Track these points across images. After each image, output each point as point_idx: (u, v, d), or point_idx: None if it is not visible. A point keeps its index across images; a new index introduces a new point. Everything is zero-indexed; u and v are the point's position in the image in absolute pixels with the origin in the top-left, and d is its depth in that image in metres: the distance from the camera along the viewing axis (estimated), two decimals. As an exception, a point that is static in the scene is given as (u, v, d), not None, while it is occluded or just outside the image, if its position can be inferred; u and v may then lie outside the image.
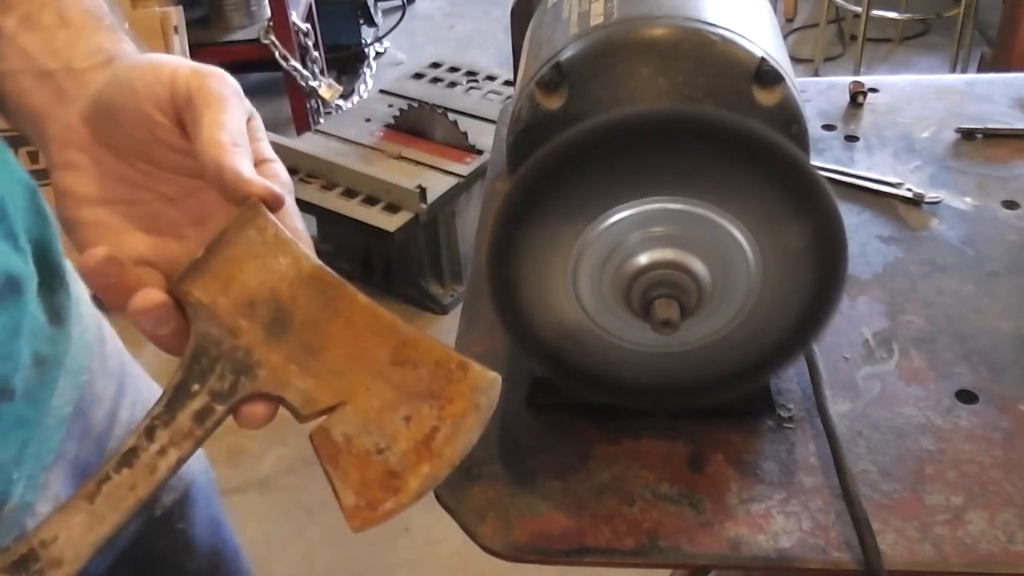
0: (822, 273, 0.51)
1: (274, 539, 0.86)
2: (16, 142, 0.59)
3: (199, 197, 0.50)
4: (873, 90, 0.95)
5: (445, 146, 2.07)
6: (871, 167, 0.85)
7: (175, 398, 0.45)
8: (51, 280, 0.58)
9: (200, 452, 0.79)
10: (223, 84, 0.48)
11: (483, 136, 2.05)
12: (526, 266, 0.52)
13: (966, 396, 0.64)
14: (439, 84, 2.31)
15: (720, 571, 0.81)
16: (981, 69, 2.51)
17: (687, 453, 0.61)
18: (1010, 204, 0.81)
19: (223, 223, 0.45)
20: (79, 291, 0.64)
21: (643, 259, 0.51)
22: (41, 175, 0.54)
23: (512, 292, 0.53)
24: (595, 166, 0.49)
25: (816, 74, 2.85)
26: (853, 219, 0.79)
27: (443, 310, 2.08)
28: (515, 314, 0.54)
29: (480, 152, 2.04)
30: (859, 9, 2.63)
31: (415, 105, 2.12)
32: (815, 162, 0.84)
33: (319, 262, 0.46)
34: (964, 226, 0.78)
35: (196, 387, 0.45)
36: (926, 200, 0.81)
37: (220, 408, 0.45)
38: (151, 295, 0.45)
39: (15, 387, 0.53)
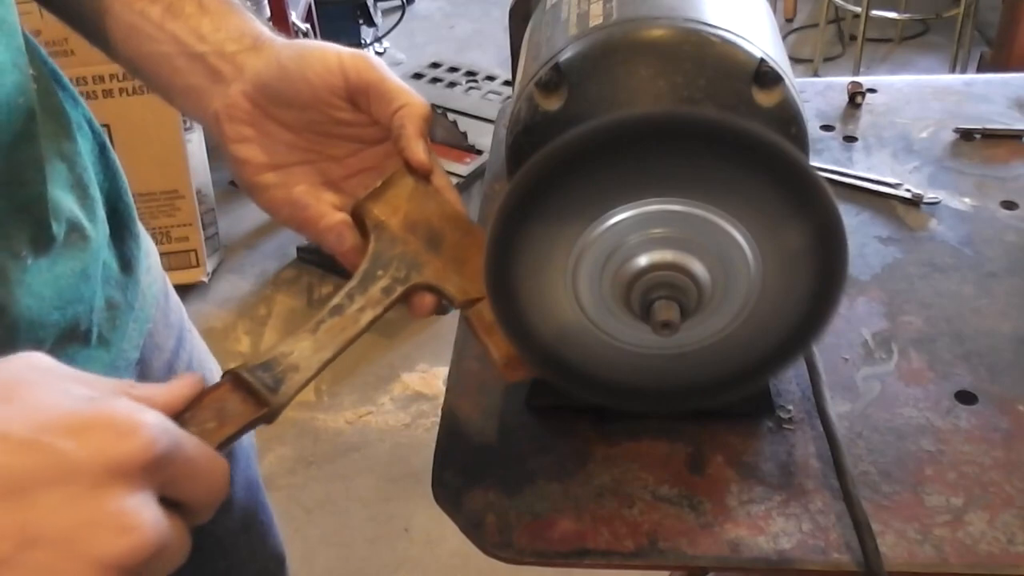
0: (822, 274, 0.51)
1: (278, 525, 0.88)
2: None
3: (360, 155, 0.61)
4: (871, 90, 0.95)
5: (445, 146, 2.07)
6: (870, 167, 0.85)
7: (365, 278, 0.56)
8: (121, 231, 0.65)
9: None
10: (380, 64, 0.58)
11: (483, 136, 2.05)
12: (525, 267, 0.52)
13: (966, 397, 0.64)
14: (439, 84, 2.31)
15: (719, 573, 0.81)
16: (980, 69, 2.51)
17: (687, 455, 0.61)
18: (1009, 204, 0.81)
19: (381, 173, 0.59)
20: (149, 245, 0.71)
21: (643, 261, 0.51)
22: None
23: (511, 293, 0.53)
24: (594, 168, 0.49)
25: (815, 74, 2.85)
26: (852, 220, 0.79)
27: (443, 310, 2.07)
28: (514, 315, 0.54)
29: (480, 152, 2.04)
30: (859, 9, 2.63)
31: (414, 105, 2.11)
32: (813, 163, 0.84)
33: (459, 208, 0.60)
34: (963, 226, 0.78)
35: (380, 272, 0.57)
36: (925, 200, 0.81)
37: (400, 288, 0.56)
38: (334, 216, 0.58)
39: (90, 329, 0.59)
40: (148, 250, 0.70)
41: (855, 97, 0.93)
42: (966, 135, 0.88)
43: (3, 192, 0.51)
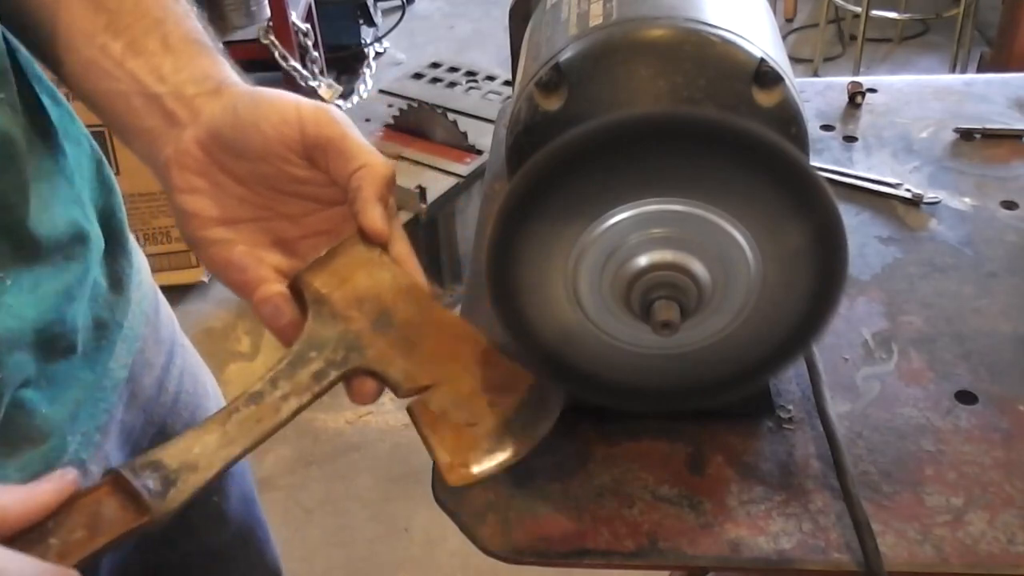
0: (822, 274, 0.51)
1: (274, 539, 0.88)
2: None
3: (316, 216, 0.56)
4: (871, 90, 0.95)
5: (445, 146, 2.07)
6: (870, 167, 0.85)
7: (295, 361, 0.51)
8: (114, 247, 0.63)
9: None
10: (342, 120, 0.54)
11: (483, 136, 2.05)
12: (526, 267, 0.52)
13: (966, 397, 0.64)
14: (439, 84, 2.31)
15: (719, 572, 0.81)
16: (980, 69, 2.51)
17: (687, 455, 0.61)
18: (1009, 204, 0.81)
19: (338, 237, 0.54)
20: (140, 261, 0.68)
21: (643, 261, 0.51)
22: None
23: (512, 293, 0.53)
24: (595, 168, 0.49)
25: (815, 74, 2.84)
26: (852, 220, 0.79)
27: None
28: (515, 315, 0.54)
29: (480, 152, 2.04)
30: (859, 9, 2.63)
31: (415, 105, 2.11)
32: (813, 163, 0.84)
33: (417, 279, 0.55)
34: (963, 226, 0.78)
35: (313, 354, 0.51)
36: (925, 200, 0.81)
37: (334, 372, 0.51)
38: (271, 287, 0.53)
39: (74, 348, 0.57)
40: (139, 266, 0.68)
41: (855, 97, 0.93)
42: (966, 135, 0.88)
43: None
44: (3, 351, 0.51)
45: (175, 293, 2.24)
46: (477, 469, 0.51)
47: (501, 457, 0.52)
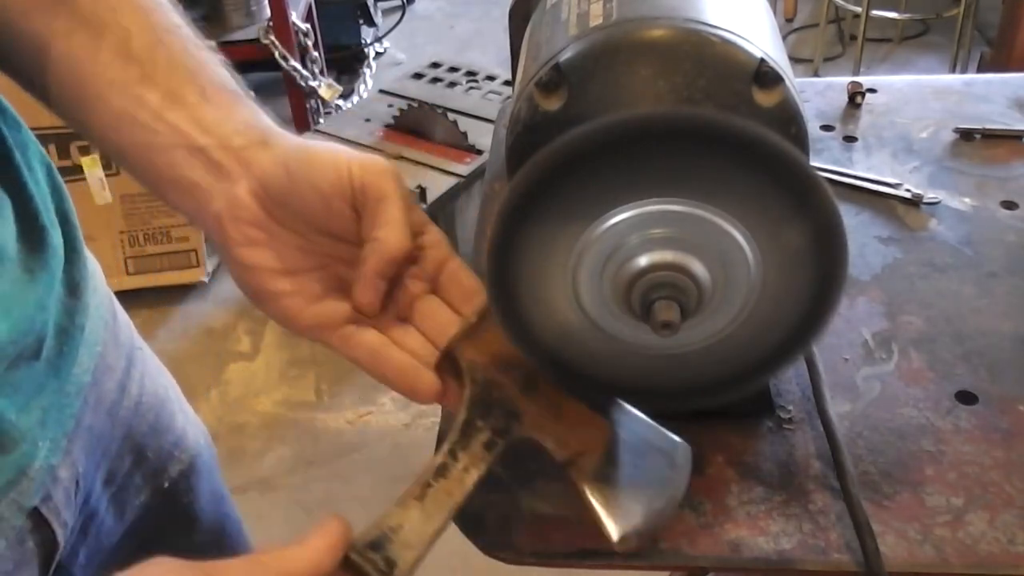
0: (822, 273, 0.51)
1: (274, 539, 0.87)
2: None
3: None
4: (871, 90, 0.95)
5: (445, 146, 2.07)
6: (870, 168, 0.85)
7: (466, 430, 0.53)
8: (70, 253, 0.62)
9: (203, 428, 0.81)
10: (390, 175, 0.52)
11: (483, 136, 2.05)
12: (526, 267, 0.52)
13: (966, 397, 0.64)
14: (439, 84, 2.31)
15: (719, 573, 0.81)
16: (981, 69, 2.51)
17: (687, 454, 0.61)
18: (1009, 204, 0.81)
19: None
20: (93, 266, 0.68)
21: (643, 261, 0.51)
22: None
23: (512, 293, 0.53)
24: (595, 168, 0.49)
25: (816, 74, 2.84)
26: (852, 220, 0.79)
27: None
28: (515, 315, 0.54)
29: (480, 152, 2.04)
30: (859, 9, 2.63)
31: (415, 105, 2.11)
32: (813, 163, 0.84)
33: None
34: (963, 226, 0.78)
35: (480, 423, 0.54)
36: (925, 200, 0.81)
37: (501, 442, 0.53)
38: (427, 375, 0.54)
39: (39, 356, 0.57)
40: (92, 271, 0.67)
41: (855, 97, 0.93)
42: (966, 135, 0.88)
43: None
44: None
45: (175, 293, 2.24)
46: (645, 530, 0.53)
47: (663, 515, 0.54)
